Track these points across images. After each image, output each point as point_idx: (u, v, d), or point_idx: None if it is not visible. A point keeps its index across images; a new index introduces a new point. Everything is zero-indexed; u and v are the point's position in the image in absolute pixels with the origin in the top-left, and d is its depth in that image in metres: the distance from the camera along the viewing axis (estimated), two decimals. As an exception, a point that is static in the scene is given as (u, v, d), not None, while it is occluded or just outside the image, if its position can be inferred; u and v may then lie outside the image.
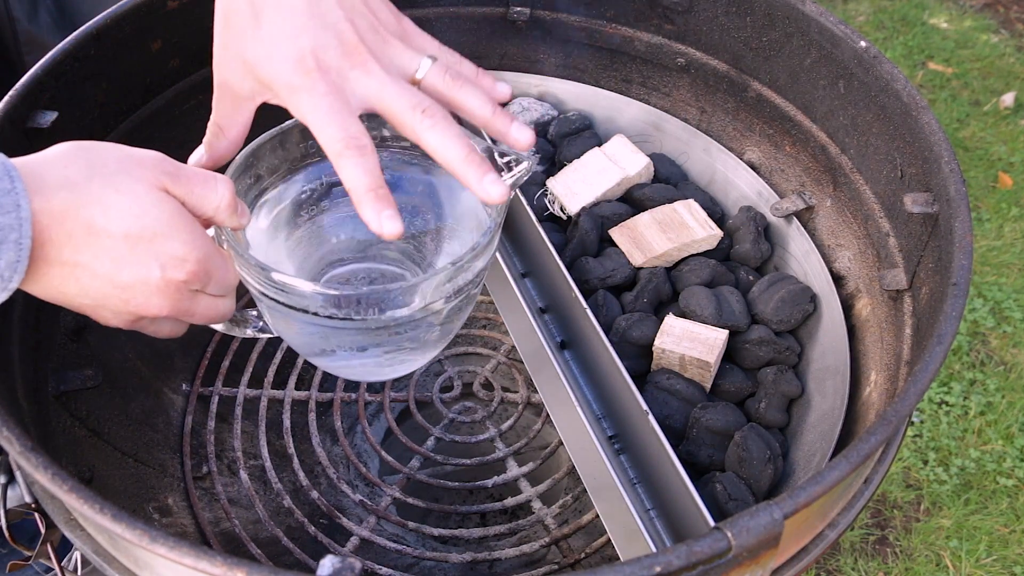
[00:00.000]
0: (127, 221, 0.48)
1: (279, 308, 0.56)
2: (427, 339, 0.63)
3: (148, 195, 0.49)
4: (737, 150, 0.90)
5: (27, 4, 1.00)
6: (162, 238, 0.49)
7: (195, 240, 0.51)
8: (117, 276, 0.49)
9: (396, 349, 0.62)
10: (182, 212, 0.50)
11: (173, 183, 0.50)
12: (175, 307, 0.52)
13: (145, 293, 0.50)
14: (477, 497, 0.91)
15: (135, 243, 0.48)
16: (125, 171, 0.49)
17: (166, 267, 0.49)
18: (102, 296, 0.49)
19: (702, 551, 0.41)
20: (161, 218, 0.49)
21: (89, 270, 0.48)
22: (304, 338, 0.62)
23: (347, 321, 0.56)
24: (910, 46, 2.31)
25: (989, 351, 1.63)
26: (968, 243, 0.58)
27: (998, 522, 1.39)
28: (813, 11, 0.77)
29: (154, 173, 0.50)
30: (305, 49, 0.53)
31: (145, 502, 0.72)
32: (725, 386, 0.75)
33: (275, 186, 0.64)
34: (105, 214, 0.47)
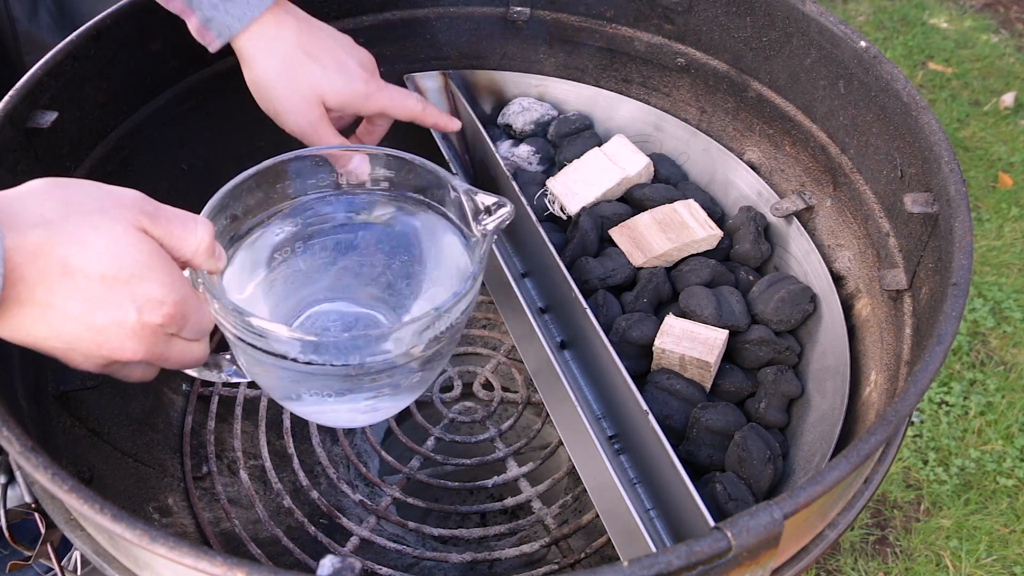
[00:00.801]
0: (104, 261, 0.46)
1: (255, 353, 0.55)
2: (404, 385, 0.62)
3: (126, 235, 0.48)
4: (737, 150, 0.90)
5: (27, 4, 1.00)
6: (139, 280, 0.48)
7: (173, 283, 0.49)
8: (91, 318, 0.47)
9: (373, 396, 0.61)
10: (160, 253, 0.49)
11: (152, 223, 0.49)
12: (149, 351, 0.50)
13: (120, 336, 0.48)
14: (477, 497, 0.91)
15: (111, 284, 0.47)
16: (103, 210, 0.47)
17: (143, 310, 0.48)
18: (74, 339, 0.48)
19: (702, 551, 0.41)
20: (139, 259, 0.48)
21: (62, 311, 0.46)
22: (279, 383, 0.61)
23: (324, 367, 0.55)
24: (910, 46, 2.31)
25: (989, 351, 1.63)
26: (968, 243, 0.58)
27: (998, 522, 1.39)
28: (813, 11, 0.77)
29: (133, 213, 0.48)
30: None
31: (145, 502, 0.72)
32: (725, 386, 0.75)
33: (251, 227, 0.64)
34: (81, 254, 0.46)
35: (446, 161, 0.86)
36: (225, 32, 0.67)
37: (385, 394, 0.62)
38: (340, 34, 0.74)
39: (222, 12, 0.67)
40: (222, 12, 0.67)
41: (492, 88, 0.96)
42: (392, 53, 0.93)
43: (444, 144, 0.88)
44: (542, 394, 0.77)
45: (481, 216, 0.61)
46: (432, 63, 0.95)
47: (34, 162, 0.67)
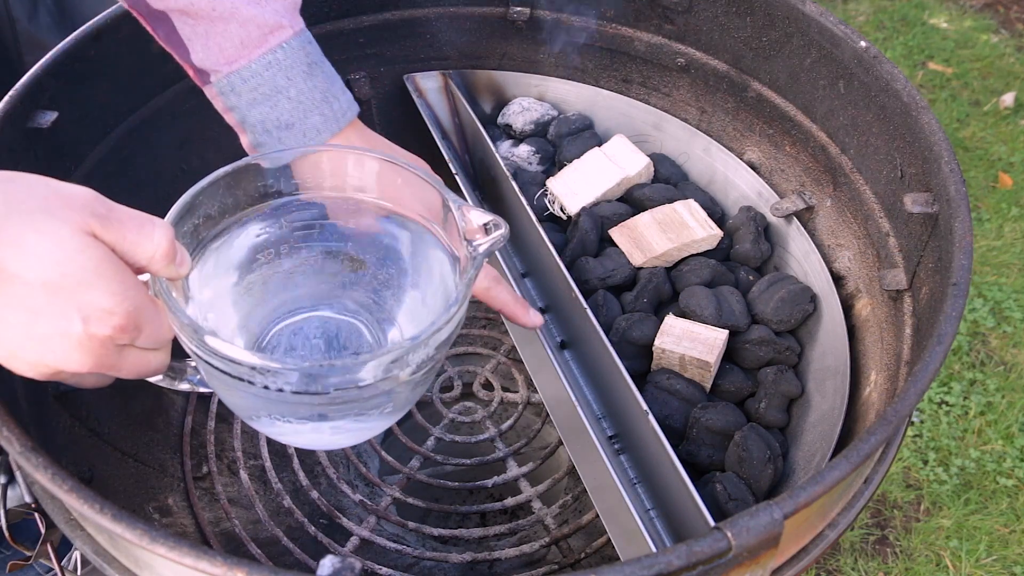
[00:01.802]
0: (46, 267, 0.42)
1: (215, 373, 0.50)
2: (380, 412, 0.57)
3: (72, 239, 0.43)
4: (737, 150, 0.90)
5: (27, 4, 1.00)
6: (86, 288, 0.44)
7: (125, 291, 0.45)
8: (33, 328, 0.43)
9: (345, 420, 0.56)
10: (110, 259, 0.45)
11: (103, 227, 0.45)
12: (99, 363, 0.46)
13: (64, 347, 0.44)
14: (477, 497, 0.91)
15: (54, 292, 0.43)
16: (48, 210, 0.43)
17: (89, 320, 0.44)
18: (16, 347, 0.45)
19: (702, 551, 0.41)
20: (86, 266, 0.43)
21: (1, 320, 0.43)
22: (242, 403, 0.56)
23: (285, 394, 0.50)
24: (910, 46, 2.31)
25: (989, 351, 1.63)
26: (968, 243, 0.58)
27: (998, 522, 1.39)
28: (813, 11, 0.77)
29: (81, 215, 0.44)
30: None
31: (145, 502, 0.72)
32: (725, 386, 0.75)
33: (227, 228, 0.59)
34: (21, 258, 0.42)
35: (446, 161, 0.86)
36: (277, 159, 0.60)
37: (358, 420, 0.57)
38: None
39: (275, 139, 0.63)
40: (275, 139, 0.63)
41: (492, 88, 0.96)
42: (392, 53, 0.93)
43: (444, 144, 0.88)
44: (542, 394, 0.77)
45: (474, 236, 0.56)
46: (432, 63, 0.95)
47: (34, 162, 0.67)
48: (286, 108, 0.62)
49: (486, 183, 0.90)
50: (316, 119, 0.63)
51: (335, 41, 0.89)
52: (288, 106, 0.62)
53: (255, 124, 0.63)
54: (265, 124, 0.62)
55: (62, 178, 0.71)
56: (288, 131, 0.62)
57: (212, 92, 0.64)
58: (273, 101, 0.62)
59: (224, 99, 0.63)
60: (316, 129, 0.63)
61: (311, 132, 0.63)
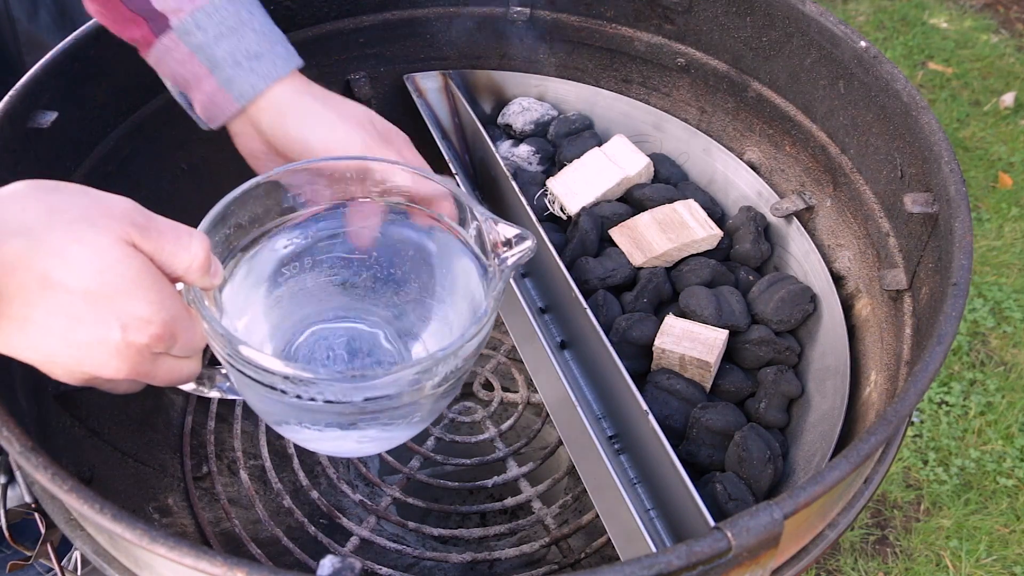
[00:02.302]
0: (87, 276, 0.44)
1: (247, 380, 0.52)
2: (407, 422, 0.58)
3: (112, 249, 0.44)
4: (737, 150, 0.90)
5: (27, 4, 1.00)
6: (125, 297, 0.45)
7: (162, 300, 0.46)
8: (72, 335, 0.45)
9: (371, 427, 0.57)
10: (149, 269, 0.46)
11: (142, 237, 0.46)
12: (134, 370, 0.48)
13: (102, 355, 0.46)
14: (477, 497, 0.91)
15: (94, 301, 0.44)
16: (89, 220, 0.44)
17: (127, 328, 0.45)
18: (53, 354, 0.46)
19: (702, 551, 0.41)
20: (126, 275, 0.45)
21: (42, 327, 0.44)
22: (271, 410, 0.57)
23: (316, 403, 0.51)
24: (910, 46, 2.31)
25: (989, 351, 1.63)
26: (968, 243, 0.58)
27: (998, 522, 1.39)
28: (813, 11, 0.77)
29: (121, 225, 0.45)
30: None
31: (145, 502, 0.72)
32: (725, 386, 0.75)
33: (257, 239, 0.60)
34: (63, 267, 0.43)
35: (446, 162, 0.86)
36: (249, 92, 0.62)
37: (387, 427, 0.58)
38: None
39: (246, 71, 0.62)
40: (246, 71, 0.62)
41: (492, 88, 0.96)
42: (392, 53, 0.93)
43: (444, 144, 0.88)
44: (542, 394, 0.77)
45: (500, 249, 0.57)
46: (432, 63, 0.95)
47: (34, 162, 0.67)
48: (252, 40, 0.62)
49: (486, 183, 0.90)
50: (281, 49, 0.64)
51: (335, 41, 0.89)
52: (254, 37, 0.62)
53: (224, 58, 0.62)
54: (235, 56, 0.62)
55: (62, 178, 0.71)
56: (258, 61, 0.62)
57: (170, 41, 0.62)
58: (240, 34, 0.62)
59: (187, 40, 0.61)
60: (283, 58, 0.63)
61: (279, 61, 0.63)
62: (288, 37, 0.86)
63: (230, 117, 0.63)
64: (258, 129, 0.64)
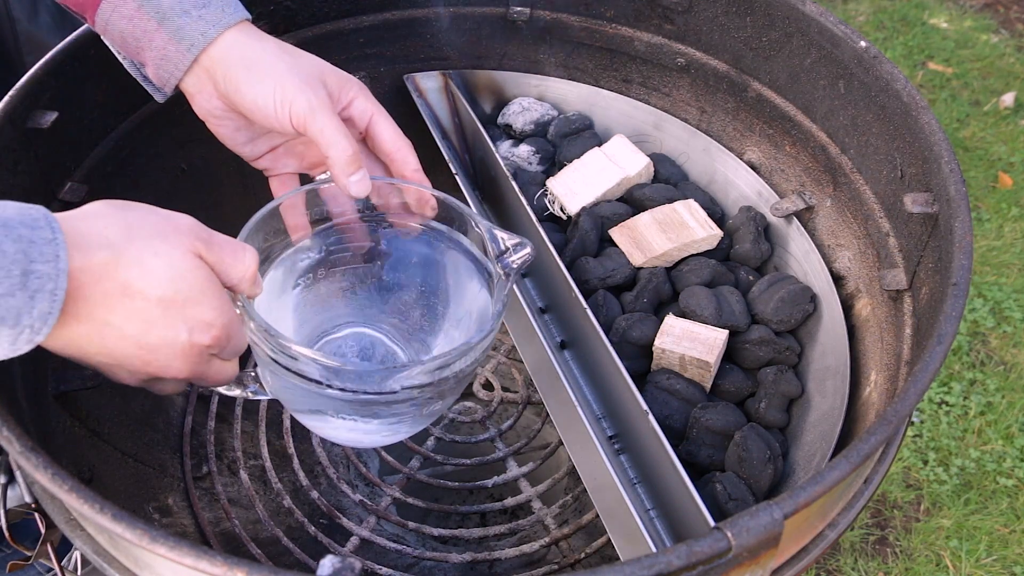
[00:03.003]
0: (163, 285, 0.48)
1: (285, 374, 0.57)
2: (417, 415, 0.63)
3: (183, 260, 0.50)
4: (737, 150, 0.90)
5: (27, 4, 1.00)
6: (193, 303, 0.50)
7: (222, 307, 0.52)
8: (144, 338, 0.49)
9: (394, 421, 0.63)
10: (212, 279, 0.51)
11: (206, 250, 0.51)
12: (193, 370, 0.52)
13: (168, 356, 0.50)
14: (477, 497, 0.91)
15: (167, 307, 0.49)
16: (162, 235, 0.49)
17: (193, 331, 0.50)
18: (123, 356, 0.50)
19: (702, 551, 0.41)
20: (195, 284, 0.50)
21: (118, 330, 0.48)
22: (305, 402, 0.62)
23: (352, 393, 0.57)
24: (910, 46, 2.31)
25: (989, 351, 1.63)
26: (968, 243, 0.58)
27: (998, 522, 1.39)
28: (813, 11, 0.77)
29: (189, 239, 0.50)
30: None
31: (145, 502, 0.72)
32: (725, 386, 0.75)
33: (278, 251, 0.65)
34: (142, 277, 0.48)
35: (446, 161, 0.86)
36: (199, 40, 0.61)
37: (405, 419, 0.63)
38: None
39: (195, 19, 0.61)
40: (195, 19, 0.61)
41: (492, 88, 0.96)
42: (392, 53, 0.93)
43: (444, 144, 0.88)
44: (542, 394, 0.77)
45: (505, 255, 0.62)
46: (432, 63, 0.95)
47: (34, 162, 0.67)
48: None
49: (486, 183, 0.90)
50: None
51: (335, 41, 0.89)
52: None
53: (172, 7, 0.61)
54: (183, 4, 0.61)
55: (62, 178, 0.71)
56: (206, 8, 0.61)
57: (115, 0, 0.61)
58: None
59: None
60: (232, 6, 0.62)
61: (229, 8, 0.62)
62: (288, 37, 0.87)
63: (183, 72, 0.62)
64: (214, 83, 0.62)
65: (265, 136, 0.67)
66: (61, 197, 0.70)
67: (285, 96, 0.60)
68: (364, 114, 0.65)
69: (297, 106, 0.60)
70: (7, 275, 0.43)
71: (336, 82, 0.64)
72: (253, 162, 0.68)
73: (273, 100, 0.60)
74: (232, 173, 0.85)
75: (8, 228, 0.43)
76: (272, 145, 0.68)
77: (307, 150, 0.69)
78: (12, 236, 0.43)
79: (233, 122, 0.65)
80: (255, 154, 0.68)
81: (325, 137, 0.60)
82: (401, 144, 0.66)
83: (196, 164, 0.84)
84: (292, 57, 0.62)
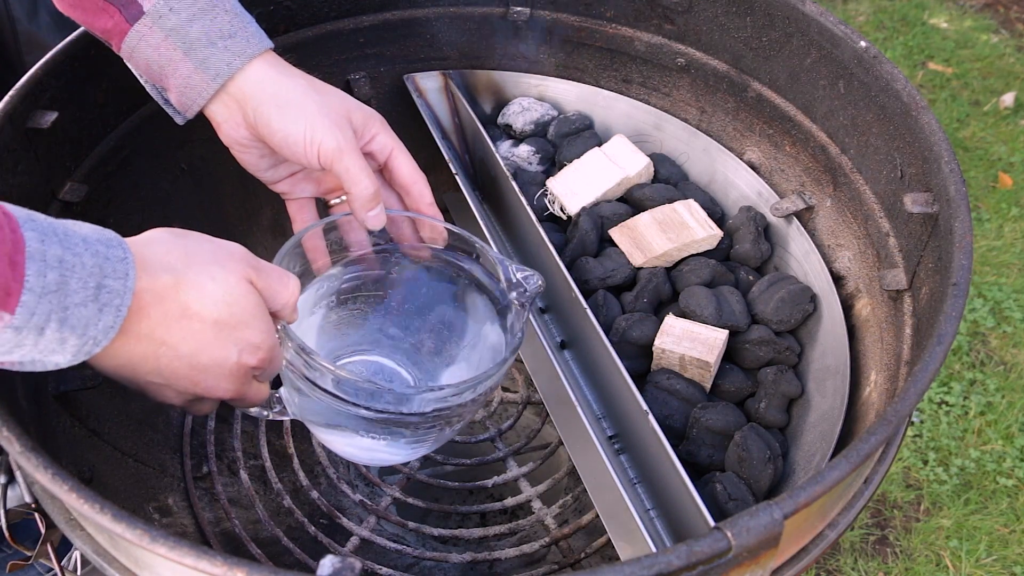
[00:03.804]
0: (219, 308, 0.51)
1: (318, 394, 0.59)
2: (440, 434, 0.66)
3: (238, 286, 0.52)
4: (737, 150, 0.90)
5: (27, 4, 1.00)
6: (244, 327, 0.52)
7: (269, 330, 0.54)
8: (197, 358, 0.51)
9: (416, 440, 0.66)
10: (261, 304, 0.54)
11: (257, 276, 0.54)
12: (237, 390, 0.55)
13: (217, 376, 0.53)
14: (477, 497, 0.91)
15: (220, 329, 0.51)
16: (218, 262, 0.52)
17: (242, 353, 0.53)
18: (174, 377, 0.52)
19: (702, 551, 0.41)
20: (246, 308, 0.52)
21: (173, 350, 0.51)
22: (329, 418, 0.64)
23: (381, 413, 0.60)
24: (910, 46, 2.31)
25: (989, 351, 1.63)
26: (968, 243, 0.58)
27: (998, 522, 1.39)
28: (813, 11, 0.77)
29: (242, 266, 0.53)
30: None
31: (145, 502, 0.72)
32: (725, 386, 0.75)
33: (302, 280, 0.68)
34: (200, 300, 0.50)
35: (446, 161, 0.86)
36: (224, 70, 0.62)
37: (429, 437, 0.66)
38: None
39: (221, 50, 0.62)
40: (221, 50, 0.62)
41: (492, 88, 0.96)
42: (392, 53, 0.93)
43: (444, 144, 0.88)
44: (542, 394, 0.77)
45: (516, 286, 0.66)
46: (432, 63, 0.95)
47: (34, 162, 0.67)
48: (225, 20, 0.63)
49: (486, 183, 0.90)
50: (253, 29, 0.64)
51: (335, 41, 0.89)
52: (227, 18, 0.63)
53: (198, 38, 0.62)
54: (209, 36, 0.62)
55: (62, 178, 0.71)
56: (232, 40, 0.63)
57: (144, 27, 0.62)
58: (212, 14, 0.63)
59: (161, 23, 0.62)
60: (257, 38, 0.64)
61: (253, 40, 0.64)
62: (288, 37, 0.87)
63: (207, 99, 0.64)
64: (243, 114, 0.64)
65: (286, 163, 0.69)
66: (61, 197, 0.70)
67: (315, 136, 0.63)
68: (384, 149, 0.68)
69: (326, 146, 0.63)
70: (83, 286, 0.45)
71: (361, 119, 0.67)
72: (272, 186, 0.70)
73: (303, 139, 0.63)
74: (232, 173, 0.84)
75: (88, 243, 0.46)
76: (292, 171, 0.70)
77: (325, 176, 0.72)
78: (91, 251, 0.46)
79: (258, 151, 0.67)
80: (275, 179, 0.70)
81: (350, 175, 0.64)
82: (417, 178, 0.70)
83: (196, 164, 0.84)
84: (320, 95, 0.65)
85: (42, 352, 0.45)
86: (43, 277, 0.43)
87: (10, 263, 0.42)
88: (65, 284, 0.44)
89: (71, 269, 0.44)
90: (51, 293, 0.44)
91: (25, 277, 0.43)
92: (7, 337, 0.43)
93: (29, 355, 0.45)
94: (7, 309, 0.42)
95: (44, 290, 0.43)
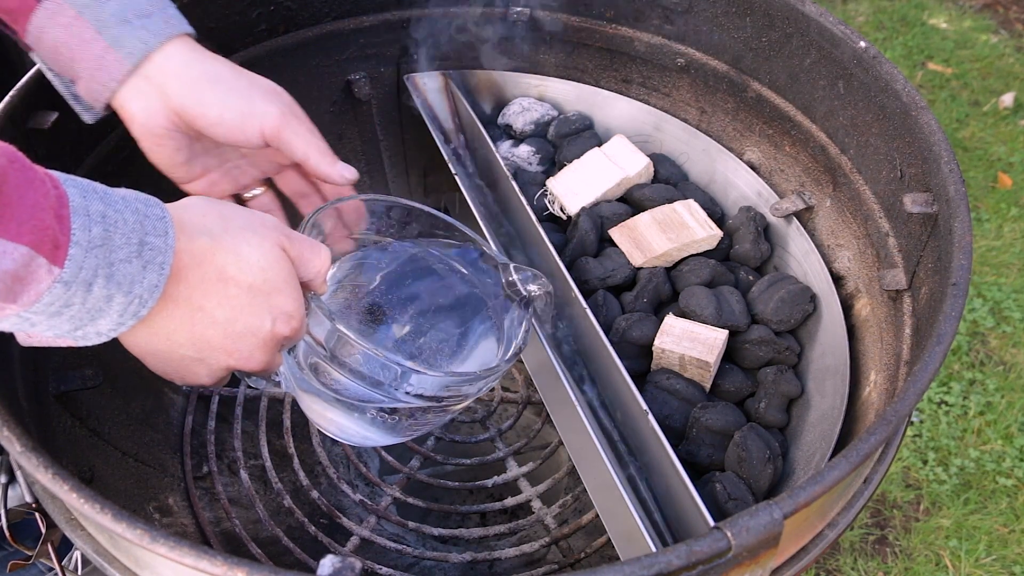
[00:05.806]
0: (254, 273, 0.50)
1: (339, 369, 0.59)
2: (441, 420, 0.67)
3: (272, 252, 0.51)
4: (737, 150, 0.90)
5: (27, 4, 0.99)
6: (277, 294, 0.52)
7: (300, 299, 0.54)
8: (232, 326, 0.51)
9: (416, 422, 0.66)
10: (293, 272, 0.53)
11: (289, 244, 0.53)
12: (269, 362, 0.54)
13: (251, 345, 0.52)
14: (477, 497, 0.91)
15: (255, 295, 0.51)
16: (253, 228, 0.52)
17: (276, 321, 0.52)
18: (208, 348, 0.51)
19: (702, 551, 0.41)
20: (281, 275, 0.52)
21: (210, 316, 0.50)
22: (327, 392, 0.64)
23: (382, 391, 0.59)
24: (910, 46, 2.31)
25: (989, 351, 1.63)
26: (968, 243, 0.58)
27: (998, 522, 1.39)
28: (813, 11, 0.77)
29: (276, 233, 0.52)
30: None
31: (145, 502, 0.72)
32: (725, 386, 0.75)
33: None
34: (236, 264, 0.50)
35: (446, 161, 0.86)
36: (139, 49, 0.59)
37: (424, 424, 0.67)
38: None
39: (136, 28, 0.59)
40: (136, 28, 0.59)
41: (492, 88, 0.96)
42: (392, 53, 0.93)
43: (444, 144, 0.89)
44: (542, 394, 0.77)
45: (520, 288, 0.66)
46: (432, 63, 0.95)
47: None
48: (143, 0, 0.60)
49: (486, 183, 0.90)
50: (172, 11, 0.62)
51: (335, 41, 0.89)
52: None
53: (111, 16, 0.59)
54: (123, 13, 0.59)
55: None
56: (149, 19, 0.60)
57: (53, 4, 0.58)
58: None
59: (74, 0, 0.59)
60: (176, 19, 0.61)
61: (172, 21, 0.61)
62: (288, 37, 0.87)
63: (119, 83, 0.60)
64: (164, 97, 0.60)
65: (203, 157, 0.66)
66: (61, 197, 0.70)
67: (254, 108, 0.61)
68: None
69: (270, 116, 0.62)
70: (127, 242, 0.44)
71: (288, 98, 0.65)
72: (186, 185, 0.66)
73: (241, 114, 0.61)
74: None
75: (127, 201, 0.45)
76: (207, 168, 0.67)
77: (241, 173, 0.69)
78: (131, 208, 0.45)
79: (175, 142, 0.63)
80: (189, 177, 0.66)
81: (302, 138, 0.63)
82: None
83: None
84: (247, 75, 0.63)
85: (90, 312, 0.44)
86: (88, 231, 0.43)
87: (56, 217, 0.42)
88: (109, 239, 0.44)
89: (114, 224, 0.44)
90: (97, 247, 0.43)
91: (72, 230, 0.42)
92: (57, 293, 0.42)
93: (77, 316, 0.44)
94: (56, 263, 0.42)
95: (90, 244, 0.43)
